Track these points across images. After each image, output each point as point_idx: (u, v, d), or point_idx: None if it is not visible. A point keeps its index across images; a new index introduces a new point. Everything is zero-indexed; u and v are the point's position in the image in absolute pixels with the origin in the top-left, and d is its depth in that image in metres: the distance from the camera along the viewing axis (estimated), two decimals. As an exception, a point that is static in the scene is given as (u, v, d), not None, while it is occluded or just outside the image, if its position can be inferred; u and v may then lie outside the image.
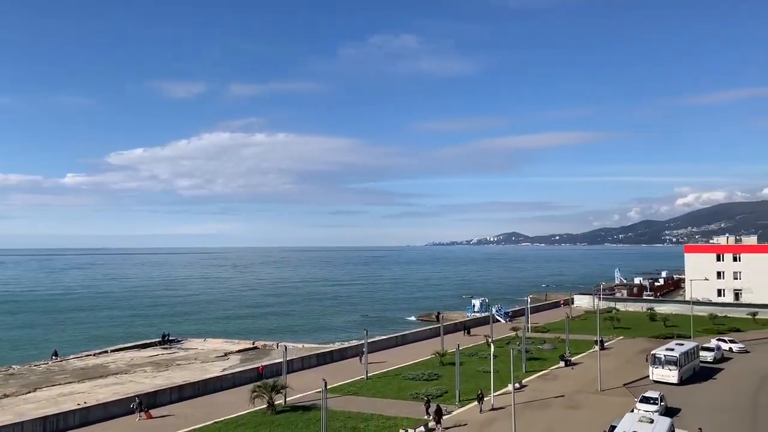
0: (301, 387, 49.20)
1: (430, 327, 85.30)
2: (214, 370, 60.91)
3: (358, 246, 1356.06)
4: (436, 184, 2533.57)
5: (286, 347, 56.85)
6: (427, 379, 53.70)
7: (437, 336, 69.46)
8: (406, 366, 60.09)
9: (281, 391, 44.54)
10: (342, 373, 56.11)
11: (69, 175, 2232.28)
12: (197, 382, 50.96)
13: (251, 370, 55.69)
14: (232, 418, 42.18)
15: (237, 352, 75.06)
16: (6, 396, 51.91)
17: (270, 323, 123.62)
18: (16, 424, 38.27)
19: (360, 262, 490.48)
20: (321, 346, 76.83)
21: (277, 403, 44.02)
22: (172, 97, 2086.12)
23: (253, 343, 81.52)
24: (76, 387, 55.18)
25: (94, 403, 44.21)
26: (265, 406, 43.38)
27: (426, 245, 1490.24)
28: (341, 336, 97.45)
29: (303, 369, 59.02)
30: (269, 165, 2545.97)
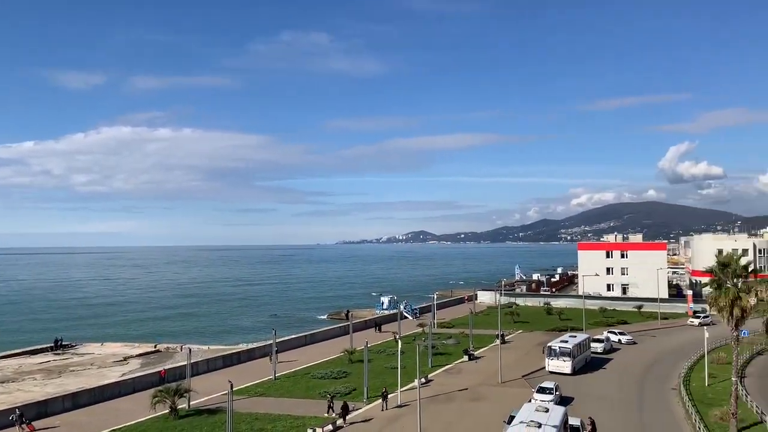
0: (207, 390, 47.98)
1: (340, 325, 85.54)
2: (112, 376, 58.40)
3: (269, 245, 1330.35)
4: (347, 183, 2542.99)
5: (191, 349, 55.11)
6: (336, 377, 53.96)
7: (348, 334, 69.84)
8: (315, 365, 60.03)
9: (185, 394, 43.21)
10: (250, 375, 55.19)
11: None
12: (93, 388, 48.46)
13: (153, 374, 53.70)
14: (132, 425, 40.42)
15: (138, 356, 72.07)
16: None
17: (174, 326, 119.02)
18: None
19: (270, 261, 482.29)
20: (228, 348, 75.03)
21: (180, 407, 42.68)
22: (67, 87, 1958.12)
23: (155, 346, 78.51)
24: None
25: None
26: (167, 411, 41.91)
27: (336, 243, 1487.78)
28: (249, 337, 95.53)
29: (209, 371, 57.54)
30: (175, 161, 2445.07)
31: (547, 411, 33.73)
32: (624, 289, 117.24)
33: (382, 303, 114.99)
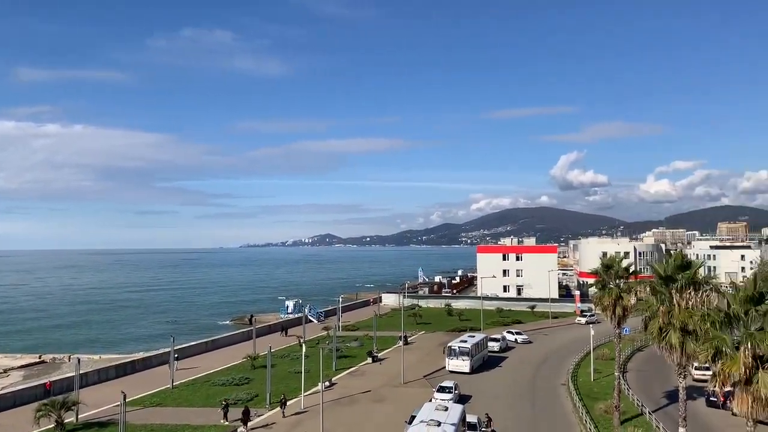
0: (98, 402, 45.46)
1: (243, 330, 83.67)
2: (-10, 390, 53.60)
3: (170, 248, 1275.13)
4: (251, 185, 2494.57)
5: (79, 359, 51.90)
6: (238, 384, 52.83)
7: (251, 339, 68.50)
8: (216, 371, 58.45)
9: (72, 407, 40.59)
10: (146, 384, 52.80)
11: None
12: (-33, 405, 44.49)
13: (37, 386, 50.02)
14: (12, 442, 37.61)
15: (19, 368, 67.17)
16: None
17: (63, 335, 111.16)
18: None
19: (170, 265, 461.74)
20: (122, 357, 71.29)
21: (67, 421, 40.06)
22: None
23: (40, 357, 73.30)
24: None
25: None
26: (52, 426, 39.24)
27: (241, 247, 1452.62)
28: (146, 345, 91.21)
29: (100, 382, 54.43)
30: (63, 159, 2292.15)
31: (446, 410, 34.86)
32: (519, 290, 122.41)
33: (287, 307, 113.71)
